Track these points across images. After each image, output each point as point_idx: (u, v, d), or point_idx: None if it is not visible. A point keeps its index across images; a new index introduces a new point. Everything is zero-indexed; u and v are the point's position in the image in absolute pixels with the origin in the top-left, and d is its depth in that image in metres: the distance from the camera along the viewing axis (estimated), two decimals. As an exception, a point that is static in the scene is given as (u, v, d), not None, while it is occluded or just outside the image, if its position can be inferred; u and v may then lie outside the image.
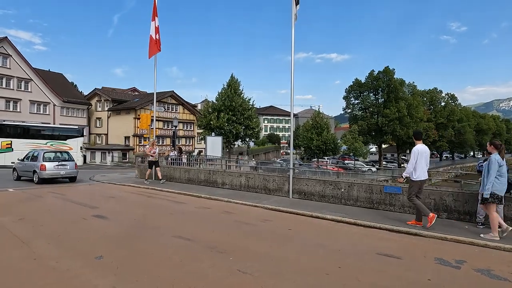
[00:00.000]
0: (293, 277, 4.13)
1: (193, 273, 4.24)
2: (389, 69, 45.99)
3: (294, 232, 6.47)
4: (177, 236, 5.92)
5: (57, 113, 42.10)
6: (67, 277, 4.06)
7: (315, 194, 9.65)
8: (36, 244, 5.37)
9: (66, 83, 48.95)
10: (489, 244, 5.56)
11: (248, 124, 33.90)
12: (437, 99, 59.67)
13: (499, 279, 4.23)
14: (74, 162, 15.52)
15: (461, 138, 60.92)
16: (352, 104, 49.76)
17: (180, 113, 49.13)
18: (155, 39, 15.20)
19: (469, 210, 7.15)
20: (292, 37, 10.14)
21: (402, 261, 4.83)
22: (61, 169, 14.53)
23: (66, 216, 7.74)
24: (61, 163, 14.65)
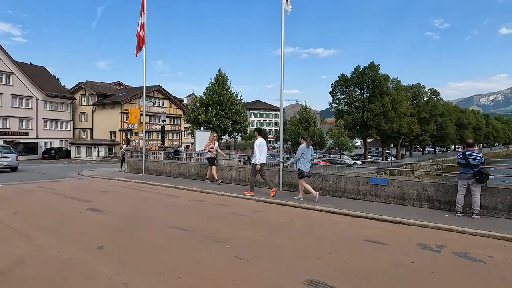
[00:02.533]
0: (288, 262, 4.42)
1: (192, 259, 4.48)
2: (374, 64, 46.78)
3: (286, 222, 6.77)
4: (173, 227, 6.13)
5: (40, 107, 41.22)
6: (72, 265, 4.23)
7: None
8: (35, 236, 5.49)
9: (49, 76, 47.86)
10: (466, 230, 5.99)
11: (236, 119, 34.06)
12: (420, 94, 61.06)
13: (475, 261, 4.63)
14: (15, 154, 18.58)
15: (443, 132, 62.62)
16: (338, 99, 50.45)
17: (167, 107, 48.79)
18: (141, 36, 15.13)
19: (449, 200, 7.60)
20: (282, 34, 10.35)
21: (387, 247, 5.19)
22: (3, 161, 17.51)
23: (60, 209, 7.82)
24: (4, 155, 17.64)
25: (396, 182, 8.41)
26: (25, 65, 42.33)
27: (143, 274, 3.97)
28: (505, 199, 6.94)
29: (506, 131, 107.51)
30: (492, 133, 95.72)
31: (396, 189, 8.36)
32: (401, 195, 8.29)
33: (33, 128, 40.69)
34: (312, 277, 3.91)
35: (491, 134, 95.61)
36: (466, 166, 7.03)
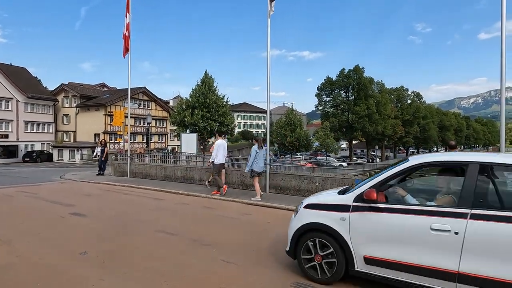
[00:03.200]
0: (275, 265, 4.43)
1: (179, 264, 4.43)
2: (359, 67, 47.58)
3: (273, 224, 6.78)
4: (159, 231, 6.05)
5: (20, 109, 40.15)
6: (54, 272, 4.13)
7: (291, 189, 10.03)
8: (16, 242, 5.33)
9: (30, 77, 46.70)
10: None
11: (222, 121, 33.98)
12: (403, 97, 62.35)
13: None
14: None
15: (425, 134, 64.07)
16: (324, 102, 51.02)
17: (152, 109, 48.25)
18: (126, 36, 14.95)
19: (432, 200, 7.76)
20: (268, 35, 10.41)
21: (373, 247, 5.25)
22: None
23: (42, 214, 7.62)
24: None
25: (380, 184, 8.52)
26: (5, 66, 41.18)
27: (128, 279, 3.90)
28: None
29: (485, 133, 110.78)
30: (472, 134, 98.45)
31: (381, 190, 8.48)
32: (385, 196, 8.41)
33: (13, 131, 39.57)
34: (298, 280, 3.92)
35: (472, 135, 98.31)
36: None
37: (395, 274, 3.41)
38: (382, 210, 3.48)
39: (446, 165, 3.87)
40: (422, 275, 3.24)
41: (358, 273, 3.64)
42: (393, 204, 3.49)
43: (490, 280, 2.92)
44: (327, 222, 3.79)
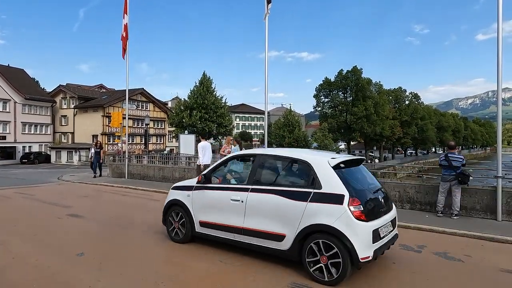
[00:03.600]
0: (272, 265, 4.41)
1: (176, 265, 4.43)
2: (357, 68, 47.63)
3: (270, 225, 6.77)
4: (157, 232, 6.03)
5: (18, 110, 40.02)
6: (50, 273, 4.11)
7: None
8: (12, 244, 5.32)
9: (28, 79, 46.57)
10: (446, 231, 6.15)
11: (220, 122, 33.99)
12: (401, 98, 62.46)
13: (454, 260, 4.75)
14: None
15: (423, 135, 64.19)
16: (322, 103, 51.06)
17: (150, 110, 48.15)
18: (124, 37, 14.94)
19: (429, 201, 7.78)
20: (266, 37, 10.43)
21: (370, 248, 5.25)
22: None
23: (39, 216, 7.60)
24: None
25: (378, 184, 8.55)
26: (3, 67, 41.07)
27: (124, 281, 3.89)
28: (482, 199, 7.16)
29: (483, 133, 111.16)
30: (470, 135, 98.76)
31: (379, 191, 8.50)
32: (383, 197, 8.43)
33: (10, 132, 39.43)
34: (295, 280, 3.92)
35: (470, 136, 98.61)
36: (448, 167, 7.19)
37: (216, 232, 4.87)
38: (207, 188, 5.09)
39: (246, 156, 5.48)
40: (227, 231, 4.73)
41: (198, 234, 5.10)
42: (212, 184, 5.11)
43: (256, 231, 4.41)
44: (180, 198, 5.41)
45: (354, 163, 4.63)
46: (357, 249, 3.70)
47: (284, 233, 4.18)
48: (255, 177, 4.65)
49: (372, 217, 3.98)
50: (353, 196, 3.91)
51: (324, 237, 3.89)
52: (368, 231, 3.84)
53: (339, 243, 3.77)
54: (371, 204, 4.14)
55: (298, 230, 4.04)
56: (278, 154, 4.97)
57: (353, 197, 3.90)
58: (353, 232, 3.76)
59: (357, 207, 3.86)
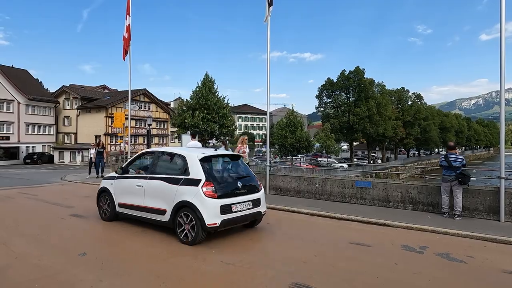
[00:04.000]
0: (273, 266, 4.42)
1: (178, 266, 4.43)
2: (360, 69, 47.50)
3: (272, 225, 6.77)
4: (158, 232, 6.04)
5: (21, 111, 40.23)
6: (52, 273, 4.13)
7: (291, 190, 10.02)
8: (15, 244, 5.34)
9: (31, 79, 46.81)
10: (449, 231, 6.12)
11: (223, 123, 33.94)
12: (404, 98, 62.21)
13: (456, 261, 4.72)
14: None
15: (426, 136, 63.89)
16: (325, 103, 50.94)
17: (153, 111, 48.27)
18: (126, 38, 14.98)
19: (432, 202, 7.75)
20: (268, 39, 10.42)
21: (372, 249, 5.24)
22: None
23: (42, 216, 7.63)
24: None
25: (380, 185, 8.53)
26: (6, 68, 41.30)
27: (126, 281, 3.90)
28: (485, 200, 7.12)
29: (487, 134, 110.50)
30: (473, 136, 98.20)
31: (381, 191, 8.48)
32: (385, 198, 8.41)
33: (14, 133, 39.64)
34: (297, 280, 3.91)
35: (473, 137, 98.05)
36: (448, 168, 7.19)
37: (128, 211, 6.40)
38: (123, 178, 6.65)
39: (149, 153, 6.88)
40: (134, 209, 6.23)
41: (119, 213, 6.63)
42: (126, 173, 6.67)
43: (150, 208, 5.87)
44: (107, 186, 6.94)
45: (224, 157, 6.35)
46: (205, 218, 5.11)
47: (165, 209, 5.62)
48: (152, 168, 6.24)
49: (223, 196, 5.36)
50: (208, 180, 5.33)
51: (186, 210, 5.33)
52: (216, 206, 5.23)
53: (194, 214, 5.20)
54: (223, 186, 5.52)
55: (173, 206, 5.48)
56: (166, 150, 6.62)
57: (208, 181, 5.32)
58: (203, 206, 5.17)
59: (210, 188, 5.28)
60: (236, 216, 5.49)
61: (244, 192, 5.72)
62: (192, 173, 5.47)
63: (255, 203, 5.86)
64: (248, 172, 6.26)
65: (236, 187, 5.67)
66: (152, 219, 5.95)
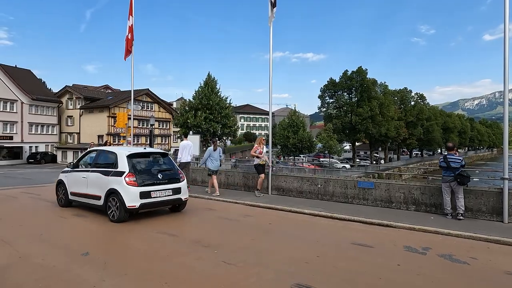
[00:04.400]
0: (275, 266, 4.42)
1: (180, 266, 4.44)
2: (362, 69, 47.39)
3: (274, 226, 6.77)
4: (161, 232, 6.07)
5: (25, 111, 40.42)
6: (56, 273, 4.15)
7: (293, 190, 10.01)
8: (19, 243, 5.36)
9: (35, 79, 46.99)
10: (451, 232, 6.09)
11: (225, 123, 34.00)
12: (407, 99, 62.03)
13: (459, 262, 4.71)
14: None
15: (429, 136, 63.66)
16: (327, 103, 50.87)
17: (155, 111, 48.37)
18: (129, 39, 15.00)
19: (435, 202, 7.72)
20: (270, 40, 10.42)
21: (374, 249, 5.23)
22: None
23: (45, 215, 7.67)
24: None
25: (383, 186, 8.51)
26: (10, 68, 41.47)
27: (129, 281, 3.92)
28: (488, 201, 7.09)
29: (490, 134, 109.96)
30: (477, 136, 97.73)
31: (384, 192, 8.46)
32: (388, 198, 8.39)
33: (17, 132, 39.83)
34: (299, 281, 3.91)
35: (476, 137, 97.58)
36: (447, 169, 7.20)
37: (77, 198, 7.93)
38: (74, 171, 8.21)
39: (94, 151, 8.32)
40: (81, 197, 7.75)
41: (72, 200, 8.13)
42: (76, 167, 8.27)
43: (91, 195, 7.38)
44: (62, 178, 8.55)
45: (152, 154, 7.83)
46: (126, 201, 6.60)
47: (100, 195, 7.12)
48: (94, 162, 7.82)
49: (143, 184, 6.83)
50: (131, 172, 6.83)
51: (114, 195, 6.81)
52: (136, 192, 6.69)
53: (118, 198, 6.70)
54: (144, 177, 6.99)
55: (105, 192, 6.99)
56: (105, 149, 8.24)
57: (130, 173, 6.81)
58: (125, 192, 6.66)
59: (131, 178, 6.77)
60: (155, 201, 6.96)
61: (165, 182, 7.18)
62: (119, 167, 7.03)
63: (176, 191, 7.31)
64: (171, 166, 7.81)
65: (156, 178, 7.16)
66: (92, 203, 7.49)
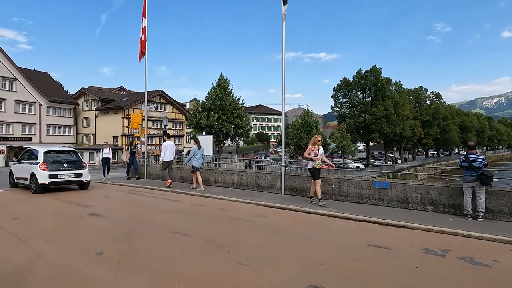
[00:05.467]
0: (289, 267, 4.34)
1: (192, 266, 4.41)
2: (376, 68, 46.72)
3: (288, 226, 6.69)
4: (174, 232, 6.06)
5: (43, 113, 41.46)
6: (70, 272, 4.17)
7: (307, 191, 9.89)
8: (35, 242, 5.44)
9: (52, 82, 48.17)
10: (472, 234, 5.89)
11: (238, 123, 34.04)
12: (422, 98, 60.82)
13: (481, 265, 4.53)
14: None
15: (445, 136, 62.28)
16: (340, 103, 50.36)
17: (169, 112, 48.90)
18: (143, 40, 15.17)
19: (453, 203, 7.49)
20: (283, 37, 10.34)
21: (391, 251, 5.09)
22: None
23: (61, 215, 7.79)
24: None
25: (399, 186, 8.31)
26: (29, 71, 42.63)
27: (142, 281, 3.90)
28: (510, 202, 6.83)
29: (509, 134, 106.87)
30: (495, 136, 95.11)
31: (400, 192, 8.27)
32: (404, 199, 8.19)
33: (36, 134, 40.88)
34: (314, 282, 3.83)
35: (495, 137, 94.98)
36: (469, 169, 6.95)
37: (19, 181, 12.24)
38: (17, 163, 12.67)
39: (28, 149, 12.55)
40: (20, 180, 12.21)
41: (17, 183, 12.49)
42: (19, 161, 12.50)
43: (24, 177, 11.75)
44: (11, 168, 13.09)
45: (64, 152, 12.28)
46: (39, 180, 10.65)
47: (27, 177, 11.23)
48: (27, 157, 11.95)
49: (51, 170, 10.85)
50: (44, 162, 10.86)
51: (33, 176, 10.92)
52: (46, 175, 10.71)
53: (35, 178, 10.77)
54: (54, 165, 11.03)
55: (29, 175, 11.08)
56: (32, 148, 12.36)
57: (43, 162, 10.85)
58: (39, 174, 10.70)
59: (43, 166, 10.78)
60: (60, 181, 11.16)
61: (70, 169, 11.37)
62: (38, 159, 11.15)
63: (77, 175, 11.50)
64: (77, 159, 12.11)
65: (63, 166, 11.27)
66: (25, 183, 11.66)
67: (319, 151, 8.66)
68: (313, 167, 8.62)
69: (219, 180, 12.46)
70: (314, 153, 8.63)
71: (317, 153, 8.62)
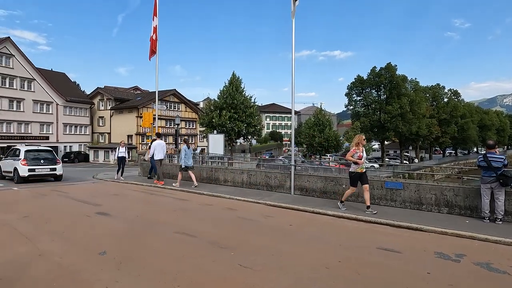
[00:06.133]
0: (294, 271, 4.18)
1: (195, 267, 4.31)
2: (391, 65, 45.78)
3: (295, 227, 6.52)
4: (179, 232, 5.99)
5: (60, 112, 42.37)
6: (71, 271, 4.13)
7: (317, 191, 9.69)
8: (41, 240, 5.45)
9: (69, 82, 49.19)
10: (489, 238, 5.59)
11: (250, 122, 33.91)
12: (439, 95, 59.34)
13: (498, 272, 4.26)
14: None
15: (464, 134, 60.63)
16: (355, 101, 49.58)
17: (182, 111, 49.22)
18: (153, 39, 15.21)
19: (470, 205, 7.17)
20: (293, 34, 10.15)
21: (402, 255, 4.87)
22: None
23: (69, 213, 7.83)
24: None
25: (412, 186, 8.02)
26: (46, 72, 43.64)
27: (141, 282, 3.82)
28: (531, 204, 6.48)
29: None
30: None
31: (413, 193, 7.98)
32: (418, 200, 7.90)
33: (53, 133, 41.83)
34: (320, 287, 3.66)
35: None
36: (488, 169, 6.62)
37: (6, 174, 15.32)
38: (5, 159, 15.98)
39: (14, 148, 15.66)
40: (6, 173, 15.21)
41: (4, 176, 15.49)
42: (6, 157, 15.92)
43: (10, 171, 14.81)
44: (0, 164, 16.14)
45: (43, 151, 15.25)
46: (20, 173, 13.71)
47: (12, 170, 14.32)
48: (12, 154, 14.95)
49: (30, 165, 13.86)
50: (24, 158, 13.90)
51: (16, 170, 14.01)
52: (26, 169, 13.71)
53: (17, 172, 13.87)
54: (32, 162, 13.99)
55: (13, 169, 14.21)
56: (17, 147, 15.35)
57: (24, 159, 13.88)
58: (20, 168, 13.73)
59: (24, 162, 13.81)
60: (38, 173, 13.90)
61: (45, 165, 14.25)
62: (20, 156, 13.85)
63: (52, 169, 14.40)
64: (52, 157, 14.83)
65: (40, 162, 14.08)
66: (10, 176, 14.32)
67: (363, 153, 7.60)
68: (355, 172, 7.56)
69: (228, 179, 12.38)
70: (358, 155, 7.53)
71: (362, 156, 7.55)
